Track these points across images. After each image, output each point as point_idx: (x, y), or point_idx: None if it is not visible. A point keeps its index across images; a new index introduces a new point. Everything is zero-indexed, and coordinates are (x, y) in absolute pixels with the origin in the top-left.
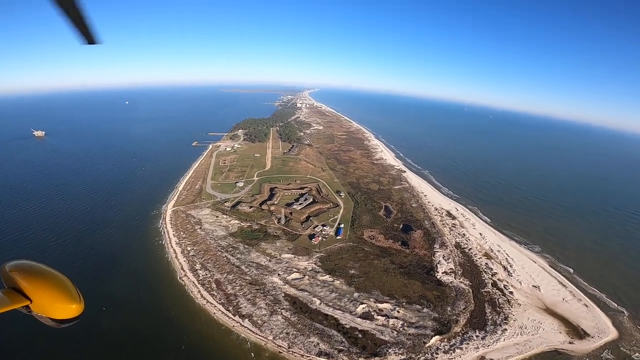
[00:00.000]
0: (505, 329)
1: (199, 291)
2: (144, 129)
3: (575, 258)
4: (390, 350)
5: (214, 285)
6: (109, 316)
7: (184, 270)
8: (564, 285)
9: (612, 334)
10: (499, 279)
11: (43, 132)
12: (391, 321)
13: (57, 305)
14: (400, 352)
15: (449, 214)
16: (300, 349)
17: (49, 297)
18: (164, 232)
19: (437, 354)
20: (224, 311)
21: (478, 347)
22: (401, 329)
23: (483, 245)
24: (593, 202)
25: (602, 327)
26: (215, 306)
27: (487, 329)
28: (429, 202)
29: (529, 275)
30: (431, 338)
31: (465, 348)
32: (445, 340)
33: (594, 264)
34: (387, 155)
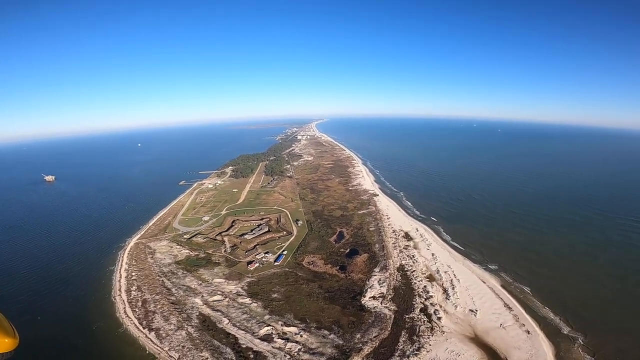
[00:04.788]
0: None
1: (124, 307)
2: (141, 171)
3: (535, 275)
4: None
5: (139, 304)
6: (37, 325)
7: (120, 291)
8: (510, 308)
9: None
10: (431, 303)
11: (53, 177)
12: (289, 345)
13: None
14: None
15: (406, 235)
16: None
17: None
18: (119, 261)
19: None
20: (137, 324)
21: None
22: (296, 354)
23: (430, 267)
24: (577, 210)
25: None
26: (131, 320)
27: None
28: (389, 225)
29: (470, 297)
30: None
31: None
32: None
33: (556, 281)
34: (365, 181)
